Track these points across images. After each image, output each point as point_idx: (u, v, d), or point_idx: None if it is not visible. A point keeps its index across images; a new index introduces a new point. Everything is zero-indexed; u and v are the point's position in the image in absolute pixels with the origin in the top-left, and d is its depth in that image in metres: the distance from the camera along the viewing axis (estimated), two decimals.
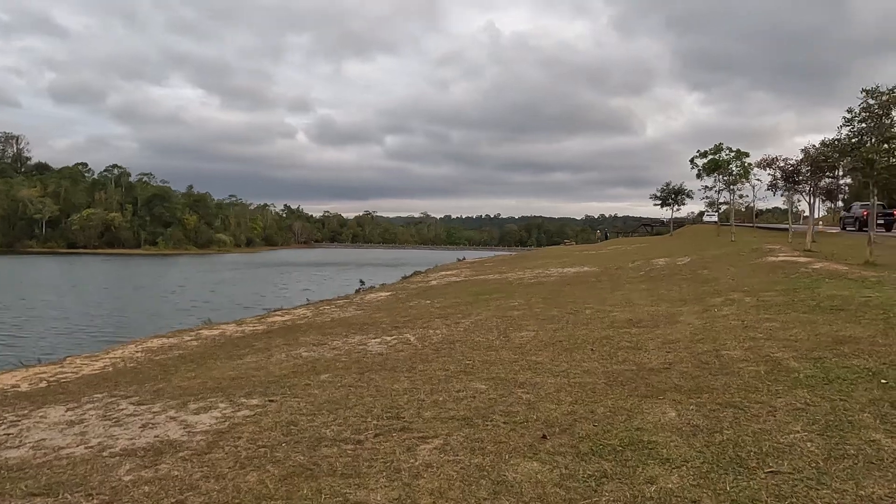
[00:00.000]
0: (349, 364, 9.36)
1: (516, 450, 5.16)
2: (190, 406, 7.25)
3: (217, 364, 10.40)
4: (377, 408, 6.70)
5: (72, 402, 8.01)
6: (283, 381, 8.40)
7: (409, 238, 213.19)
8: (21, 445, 6.18)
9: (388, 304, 18.96)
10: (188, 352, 12.40)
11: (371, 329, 13.12)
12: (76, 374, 10.90)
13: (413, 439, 5.59)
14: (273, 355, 10.81)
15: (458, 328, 12.34)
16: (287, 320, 16.98)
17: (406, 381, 7.95)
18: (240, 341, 13.26)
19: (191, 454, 5.48)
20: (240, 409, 7.03)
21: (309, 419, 6.40)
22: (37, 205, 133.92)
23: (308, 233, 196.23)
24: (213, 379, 8.91)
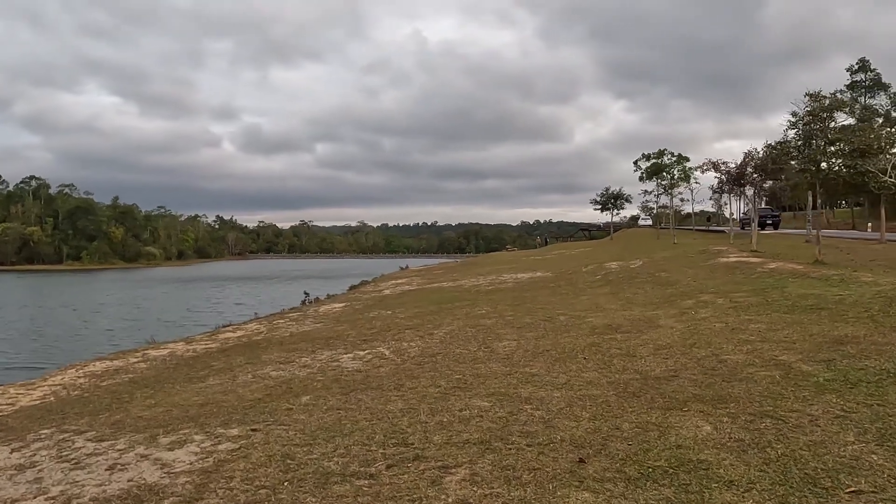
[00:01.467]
0: (328, 383, 8.63)
1: (557, 478, 4.63)
2: (160, 440, 6.40)
3: (176, 388, 9.46)
4: (378, 433, 6.05)
5: (16, 441, 6.99)
6: (260, 405, 7.61)
7: (347, 247, 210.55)
8: None
9: (348, 316, 18.17)
10: (139, 375, 11.33)
11: (338, 343, 12.37)
12: (12, 405, 9.72)
13: (433, 470, 4.99)
14: (238, 376, 9.94)
15: (433, 339, 11.75)
16: (241, 336, 15.96)
17: (399, 400, 7.31)
18: (195, 362, 12.26)
19: (178, 502, 4.70)
20: (220, 441, 6.24)
21: (305, 451, 5.69)
22: None
23: (242, 244, 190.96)
24: (178, 406, 8.03)
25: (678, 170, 46.34)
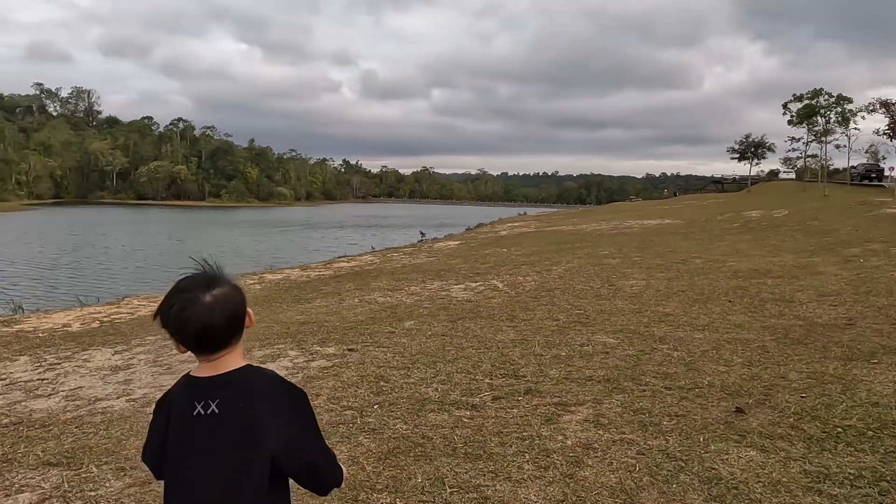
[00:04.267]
0: (434, 311, 7.96)
1: (708, 428, 3.62)
2: (255, 353, 5.99)
3: (283, 307, 9.20)
4: (486, 363, 5.27)
5: (121, 345, 6.91)
6: (361, 327, 7.07)
7: (466, 194, 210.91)
8: (53, 394, 5.03)
9: (462, 252, 17.53)
10: (251, 295, 11.29)
11: (449, 275, 11.72)
12: (132, 314, 9.92)
13: (548, 406, 4.13)
14: (344, 300, 9.54)
15: (551, 275, 10.79)
16: (354, 266, 15.77)
17: (511, 331, 6.49)
18: (306, 285, 12.09)
19: None
20: (314, 358, 5.72)
21: (402, 374, 5.02)
22: (107, 157, 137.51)
23: (366, 188, 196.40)
24: (280, 323, 7.68)
25: (835, 112, 41.01)
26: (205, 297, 1.56)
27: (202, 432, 1.56)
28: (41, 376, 5.68)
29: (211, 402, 1.57)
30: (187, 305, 1.54)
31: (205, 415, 1.56)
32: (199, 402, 1.58)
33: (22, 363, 6.32)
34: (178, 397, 1.64)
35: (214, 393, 1.58)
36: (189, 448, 1.57)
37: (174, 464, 1.58)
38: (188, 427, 1.57)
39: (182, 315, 1.54)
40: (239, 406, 1.57)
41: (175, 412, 1.62)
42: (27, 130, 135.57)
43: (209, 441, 1.55)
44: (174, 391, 1.67)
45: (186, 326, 1.54)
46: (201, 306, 1.54)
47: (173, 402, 1.64)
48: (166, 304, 1.58)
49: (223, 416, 1.56)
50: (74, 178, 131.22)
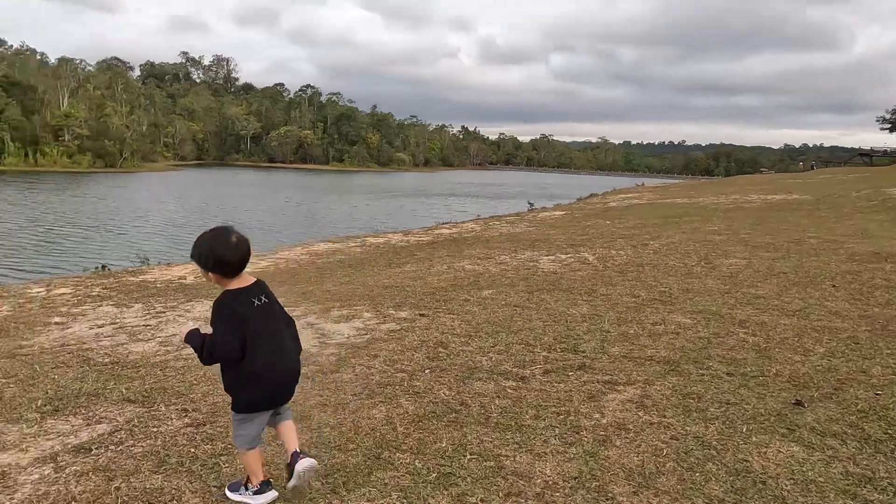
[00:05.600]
0: (516, 281, 7.97)
1: (757, 419, 3.45)
2: (332, 313, 6.32)
3: (374, 271, 9.55)
4: (548, 335, 5.25)
5: None
6: (439, 293, 7.23)
7: (584, 163, 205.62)
8: (151, 339, 5.59)
9: (564, 223, 17.26)
10: (349, 257, 11.80)
11: (543, 245, 11.62)
12: None
13: (596, 384, 4.08)
14: (434, 266, 9.75)
15: (646, 250, 10.42)
16: (453, 233, 15.99)
17: (585, 305, 6.39)
18: (402, 250, 12.44)
19: (315, 371, 4.44)
20: (385, 321, 5.95)
21: (462, 342, 5.12)
22: (242, 122, 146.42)
23: (483, 154, 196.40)
24: (366, 286, 8.00)
25: None
26: (241, 236, 2.58)
27: (266, 313, 2.64)
28: (146, 322, 6.31)
29: (262, 297, 2.64)
30: (240, 243, 2.56)
31: (261, 304, 2.62)
32: (255, 298, 2.61)
33: (135, 310, 7.04)
34: (238, 301, 2.57)
35: (258, 292, 2.64)
36: (265, 324, 2.60)
37: (259, 336, 2.56)
38: (257, 313, 2.59)
39: (241, 248, 2.56)
40: (272, 296, 2.71)
41: (242, 309, 2.55)
42: (174, 96, 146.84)
43: (272, 316, 2.66)
44: (229, 300, 2.58)
45: (245, 255, 2.58)
46: (245, 242, 2.59)
47: (236, 305, 2.56)
48: (225, 247, 2.53)
49: (271, 301, 2.69)
50: (214, 142, 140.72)
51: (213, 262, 2.53)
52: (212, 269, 2.54)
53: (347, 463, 3.02)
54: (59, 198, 45.71)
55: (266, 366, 2.58)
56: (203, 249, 2.55)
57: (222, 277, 2.58)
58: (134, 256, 14.89)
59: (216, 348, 2.54)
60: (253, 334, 2.53)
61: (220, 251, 2.52)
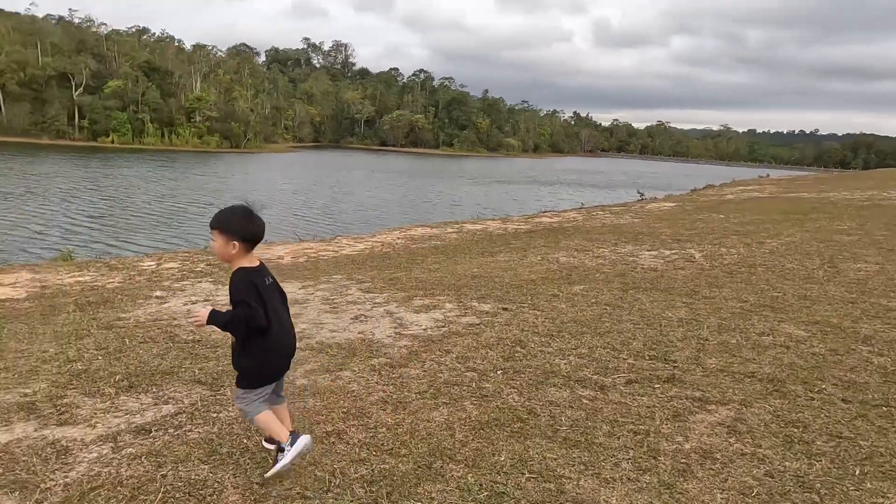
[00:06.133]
0: (611, 277, 7.51)
1: (875, 460, 2.94)
2: (414, 302, 6.19)
3: (465, 259, 9.36)
4: (638, 340, 4.84)
5: (310, 281, 7.57)
6: (528, 287, 6.92)
7: (703, 152, 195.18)
8: None
9: (672, 215, 16.30)
10: (444, 243, 11.68)
11: (646, 239, 10.97)
12: (335, 253, 10.83)
13: (684, 400, 3.67)
14: (527, 256, 9.42)
15: (762, 249, 9.56)
16: (553, 222, 15.51)
17: (684, 308, 5.88)
18: (498, 238, 12.17)
19: (383, 364, 4.30)
20: (466, 313, 5.74)
21: (542, 341, 4.82)
22: (357, 106, 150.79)
23: (595, 141, 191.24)
24: (454, 275, 7.82)
25: None
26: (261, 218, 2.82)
27: (274, 292, 2.84)
28: None
29: (270, 277, 2.85)
30: (262, 224, 2.80)
31: (270, 283, 2.83)
32: (266, 278, 2.82)
33: None
34: (255, 277, 2.77)
35: (266, 273, 2.85)
36: (274, 302, 2.79)
37: (272, 312, 2.74)
38: (269, 291, 2.79)
39: (263, 228, 2.81)
40: (273, 277, 2.90)
41: (259, 286, 2.74)
42: (295, 81, 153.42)
43: (278, 296, 2.88)
44: (249, 276, 2.75)
45: (263, 235, 2.82)
46: (264, 224, 2.81)
47: (254, 280, 2.75)
48: (254, 223, 2.76)
49: (275, 281, 2.89)
50: (330, 125, 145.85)
51: (243, 235, 2.73)
52: (241, 241, 2.72)
53: (396, 470, 2.83)
54: (185, 175, 49.03)
55: (278, 340, 2.81)
56: (238, 220, 2.74)
57: (242, 252, 2.75)
58: None
59: (251, 318, 2.67)
60: (271, 312, 2.74)
61: (252, 227, 2.76)
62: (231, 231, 2.70)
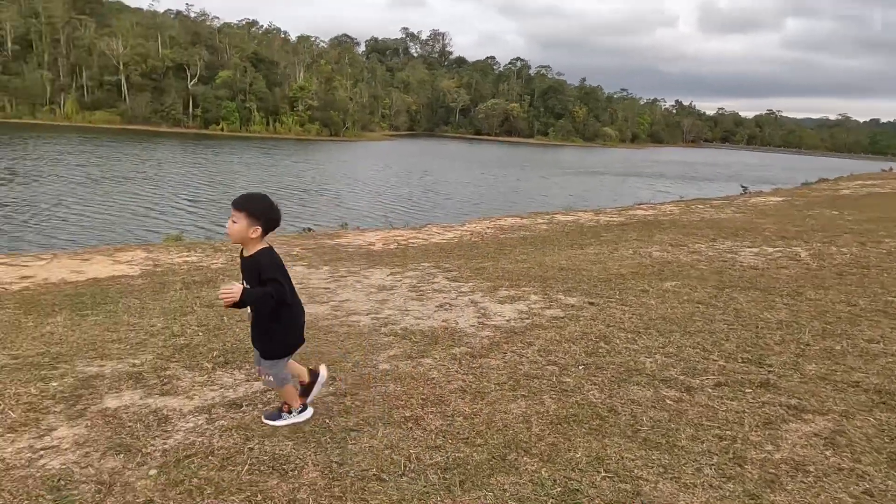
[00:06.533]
0: (706, 274, 7.20)
1: None
2: (499, 293, 6.18)
3: (553, 251, 9.25)
4: (731, 341, 4.63)
5: (398, 268, 7.72)
6: (616, 281, 6.75)
7: (818, 143, 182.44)
8: (326, 302, 5.89)
9: (779, 210, 15.39)
10: (533, 234, 11.58)
11: (748, 235, 10.43)
12: (425, 241, 10.98)
13: (778, 407, 3.48)
14: (618, 250, 9.19)
15: (879, 249, 8.86)
16: (649, 215, 15.01)
17: (785, 310, 5.56)
18: (589, 230, 11.93)
19: (464, 353, 4.33)
20: (551, 306, 5.68)
21: (628, 338, 4.69)
22: (453, 95, 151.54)
23: (698, 131, 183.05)
24: (541, 266, 7.75)
25: None
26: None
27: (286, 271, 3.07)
28: (327, 285, 6.68)
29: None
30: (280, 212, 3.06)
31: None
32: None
33: (322, 272, 7.51)
34: (278, 257, 3.02)
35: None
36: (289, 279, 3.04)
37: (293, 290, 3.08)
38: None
39: (281, 215, 3.05)
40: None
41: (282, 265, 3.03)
42: (393, 70, 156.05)
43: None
44: (276, 254, 3.02)
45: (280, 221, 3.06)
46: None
47: (279, 260, 3.02)
48: (277, 212, 3.02)
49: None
50: (425, 113, 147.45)
51: (267, 221, 2.95)
52: (263, 226, 2.94)
53: (470, 459, 2.86)
54: (285, 162, 51.07)
55: (298, 314, 3.18)
56: (264, 208, 2.95)
57: (260, 237, 2.96)
58: (337, 220, 16.07)
59: (281, 294, 2.92)
60: (292, 287, 3.05)
61: (275, 216, 3.00)
62: (256, 216, 2.90)
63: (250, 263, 2.95)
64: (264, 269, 2.91)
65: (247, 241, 2.95)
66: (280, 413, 3.23)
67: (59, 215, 22.29)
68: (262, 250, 2.96)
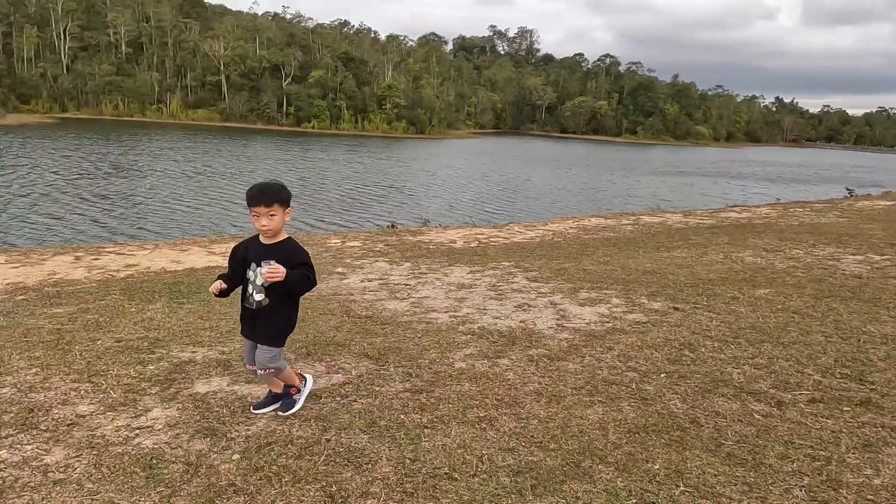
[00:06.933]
0: (804, 282, 6.80)
1: None
2: (580, 295, 6.07)
3: (638, 253, 8.99)
4: (828, 355, 4.34)
5: (478, 266, 7.73)
6: (704, 286, 6.49)
7: None
8: (405, 299, 5.97)
9: (889, 215, 14.31)
10: (617, 235, 11.30)
11: (852, 241, 9.76)
12: (506, 239, 10.93)
13: (880, 428, 3.23)
14: (707, 254, 8.83)
15: None
16: (742, 218, 14.32)
17: (891, 323, 5.17)
18: (677, 233, 11.52)
19: (541, 355, 4.28)
20: (633, 310, 5.52)
21: (715, 346, 4.50)
22: (539, 92, 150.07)
23: (799, 130, 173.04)
24: (624, 269, 7.55)
25: None
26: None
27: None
28: (407, 282, 6.77)
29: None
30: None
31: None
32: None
33: (403, 269, 7.62)
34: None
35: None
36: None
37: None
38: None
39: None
40: None
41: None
42: (479, 68, 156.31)
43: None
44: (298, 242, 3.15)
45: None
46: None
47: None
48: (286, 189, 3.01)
49: None
50: (511, 111, 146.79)
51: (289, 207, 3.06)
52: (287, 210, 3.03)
53: (544, 464, 2.81)
54: (370, 159, 52.15)
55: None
56: (288, 193, 3.01)
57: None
58: (419, 217, 16.26)
59: (314, 278, 3.07)
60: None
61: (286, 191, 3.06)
62: (287, 202, 3.00)
63: (276, 251, 2.99)
64: (299, 254, 3.01)
65: (280, 230, 3.03)
66: (291, 396, 3.30)
67: (156, 208, 23.70)
68: (289, 237, 3.06)
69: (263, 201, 2.91)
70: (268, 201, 2.92)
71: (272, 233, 2.97)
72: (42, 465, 2.76)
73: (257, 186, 2.97)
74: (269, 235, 2.98)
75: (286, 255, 2.96)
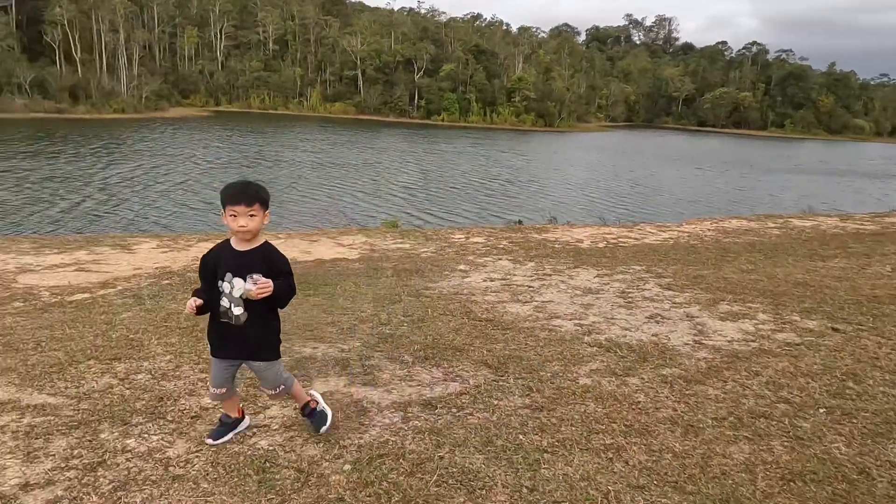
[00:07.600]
0: None
1: None
2: (720, 307, 5.53)
3: (787, 261, 8.15)
4: None
5: (606, 269, 7.32)
6: (870, 304, 5.70)
7: None
8: (528, 302, 5.72)
9: None
10: (762, 240, 10.34)
11: None
12: (637, 241, 10.34)
13: None
14: (872, 265, 7.84)
15: None
16: None
17: None
18: (833, 239, 10.36)
19: (676, 376, 3.88)
20: (783, 328, 4.93)
21: (887, 379, 3.89)
22: (676, 83, 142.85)
23: None
24: (771, 279, 6.84)
25: None
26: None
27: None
28: (530, 283, 6.52)
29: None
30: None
31: None
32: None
33: (526, 268, 7.37)
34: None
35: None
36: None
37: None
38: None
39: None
40: None
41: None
42: (613, 59, 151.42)
43: None
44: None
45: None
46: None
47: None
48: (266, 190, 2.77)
49: None
50: (645, 104, 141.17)
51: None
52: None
53: None
54: (496, 152, 51.99)
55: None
56: (268, 194, 2.78)
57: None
58: (544, 212, 15.89)
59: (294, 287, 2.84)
60: None
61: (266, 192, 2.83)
62: (267, 203, 2.78)
63: (254, 257, 2.76)
64: (279, 262, 2.79)
65: (258, 233, 2.79)
66: (314, 413, 3.07)
67: (293, 197, 24.93)
68: (266, 241, 2.83)
69: (244, 200, 2.70)
70: (249, 201, 2.70)
71: (250, 235, 2.75)
72: (164, 457, 2.82)
73: (237, 184, 2.76)
74: (247, 238, 2.76)
75: (267, 265, 2.75)
